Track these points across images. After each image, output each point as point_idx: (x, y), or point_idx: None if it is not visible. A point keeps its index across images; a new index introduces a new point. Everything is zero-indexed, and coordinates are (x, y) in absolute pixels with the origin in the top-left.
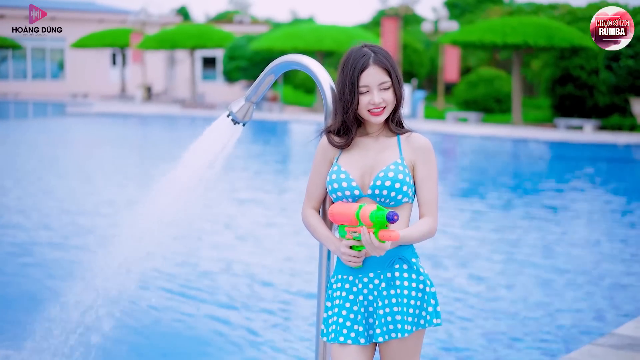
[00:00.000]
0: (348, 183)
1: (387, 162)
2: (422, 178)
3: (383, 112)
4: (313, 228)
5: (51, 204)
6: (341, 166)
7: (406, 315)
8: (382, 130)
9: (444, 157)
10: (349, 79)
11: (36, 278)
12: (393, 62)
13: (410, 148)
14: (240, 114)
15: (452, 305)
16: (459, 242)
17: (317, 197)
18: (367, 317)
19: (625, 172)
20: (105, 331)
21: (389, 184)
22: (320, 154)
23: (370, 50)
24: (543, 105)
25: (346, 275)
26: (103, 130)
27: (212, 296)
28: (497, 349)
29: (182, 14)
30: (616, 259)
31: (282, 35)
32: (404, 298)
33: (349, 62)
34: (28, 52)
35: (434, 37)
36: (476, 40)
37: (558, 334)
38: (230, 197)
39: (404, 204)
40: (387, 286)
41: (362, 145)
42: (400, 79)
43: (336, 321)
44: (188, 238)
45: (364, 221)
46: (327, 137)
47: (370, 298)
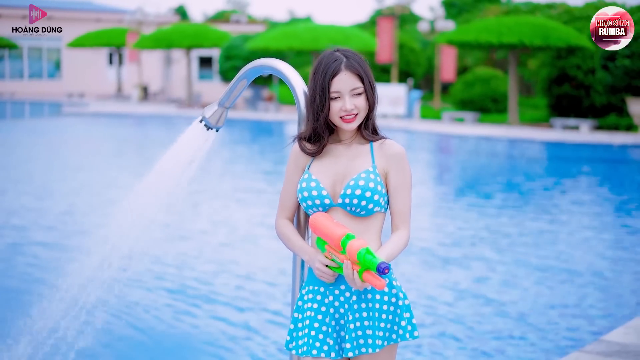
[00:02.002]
0: (318, 192)
1: (358, 170)
2: (396, 187)
3: (355, 118)
4: (287, 238)
5: (43, 203)
6: (312, 174)
7: (377, 329)
8: (355, 137)
9: (438, 157)
10: (320, 85)
11: (35, 277)
12: (366, 67)
13: (384, 155)
14: (213, 119)
15: (435, 308)
16: (449, 241)
17: (290, 207)
18: (338, 330)
19: (620, 173)
20: (94, 332)
21: (360, 193)
22: (292, 161)
23: (342, 55)
24: (540, 105)
25: (317, 286)
26: (98, 130)
27: (210, 296)
28: (479, 357)
29: (180, 13)
30: (607, 263)
31: (278, 35)
32: (376, 312)
33: (321, 67)
34: (25, 52)
35: (431, 37)
36: (472, 39)
37: (545, 341)
38: (228, 196)
39: (376, 214)
40: (358, 299)
41: (334, 153)
42: (373, 84)
43: (308, 333)
44: (186, 237)
45: (350, 255)
46: (298, 143)
47: (342, 311)
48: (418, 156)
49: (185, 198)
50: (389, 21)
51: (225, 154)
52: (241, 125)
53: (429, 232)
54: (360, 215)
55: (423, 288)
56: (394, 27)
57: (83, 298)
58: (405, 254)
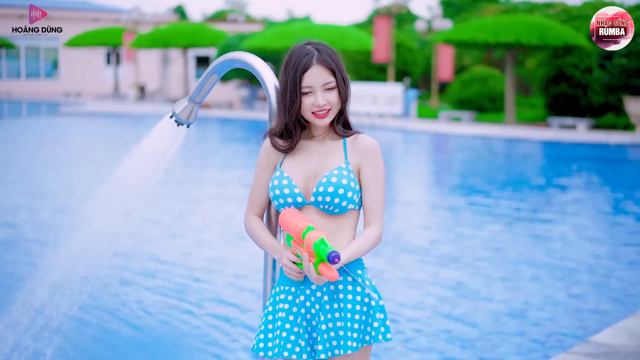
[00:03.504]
0: (290, 189)
1: (331, 166)
2: (368, 182)
3: (328, 114)
4: (257, 236)
5: (36, 201)
6: (284, 171)
7: (350, 330)
8: (328, 133)
9: (434, 157)
10: (291, 80)
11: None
12: (338, 60)
13: (356, 150)
14: (184, 114)
15: (423, 311)
16: (443, 240)
17: (260, 204)
18: (310, 331)
19: (617, 173)
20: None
21: (332, 190)
22: (263, 157)
23: (313, 49)
24: (537, 104)
25: (288, 286)
26: (93, 129)
27: (209, 296)
28: (467, 359)
29: (179, 12)
30: (600, 262)
31: (275, 34)
32: (348, 312)
33: (291, 61)
34: (22, 51)
35: (428, 36)
36: (469, 39)
37: (533, 342)
38: (228, 196)
39: (350, 211)
40: (329, 300)
41: (306, 149)
42: (346, 78)
43: (279, 335)
44: (182, 236)
45: (307, 247)
46: (270, 139)
47: (313, 311)
48: (414, 156)
49: (182, 196)
50: (386, 20)
51: (225, 153)
52: (238, 125)
53: (423, 230)
54: (333, 214)
55: (416, 285)
56: (391, 26)
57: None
58: (400, 252)
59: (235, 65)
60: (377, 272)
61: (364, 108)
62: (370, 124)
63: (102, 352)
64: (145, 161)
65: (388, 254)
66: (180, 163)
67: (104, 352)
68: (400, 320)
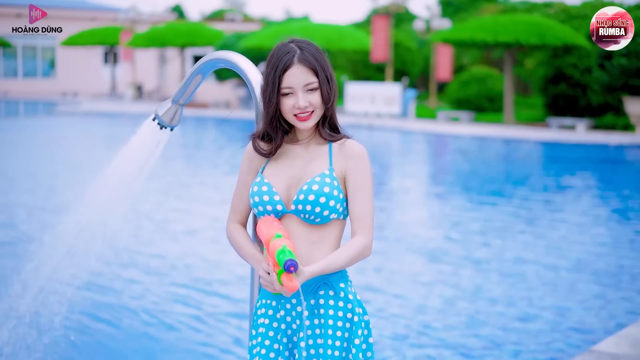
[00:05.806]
0: (270, 197)
1: (314, 173)
2: (354, 190)
3: (310, 116)
4: (238, 245)
5: (34, 200)
6: (265, 177)
7: (330, 348)
8: (314, 136)
9: (432, 157)
10: (271, 79)
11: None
12: (322, 59)
13: (342, 156)
14: (167, 117)
15: (421, 312)
16: (442, 240)
17: (242, 211)
18: (290, 348)
19: (616, 174)
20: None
21: (313, 199)
22: (245, 162)
23: (296, 47)
24: (537, 104)
25: (269, 300)
26: (89, 129)
27: (207, 295)
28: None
29: (177, 11)
30: (601, 267)
31: (273, 33)
32: (329, 329)
33: (272, 60)
34: (19, 51)
35: (427, 36)
36: (467, 38)
37: (535, 351)
38: (226, 194)
39: (333, 222)
40: (310, 315)
41: (290, 154)
42: (331, 78)
43: (259, 352)
44: (180, 235)
45: (271, 257)
46: (252, 142)
47: (294, 327)
48: (412, 156)
49: (180, 195)
50: (384, 20)
51: (225, 153)
52: (237, 125)
53: (423, 231)
54: (315, 223)
55: (415, 287)
56: (389, 25)
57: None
58: (401, 252)
59: (220, 65)
60: (377, 272)
61: (362, 108)
62: (368, 124)
63: (98, 354)
64: (127, 165)
65: (387, 254)
66: (180, 163)
67: (103, 353)
68: (400, 321)
